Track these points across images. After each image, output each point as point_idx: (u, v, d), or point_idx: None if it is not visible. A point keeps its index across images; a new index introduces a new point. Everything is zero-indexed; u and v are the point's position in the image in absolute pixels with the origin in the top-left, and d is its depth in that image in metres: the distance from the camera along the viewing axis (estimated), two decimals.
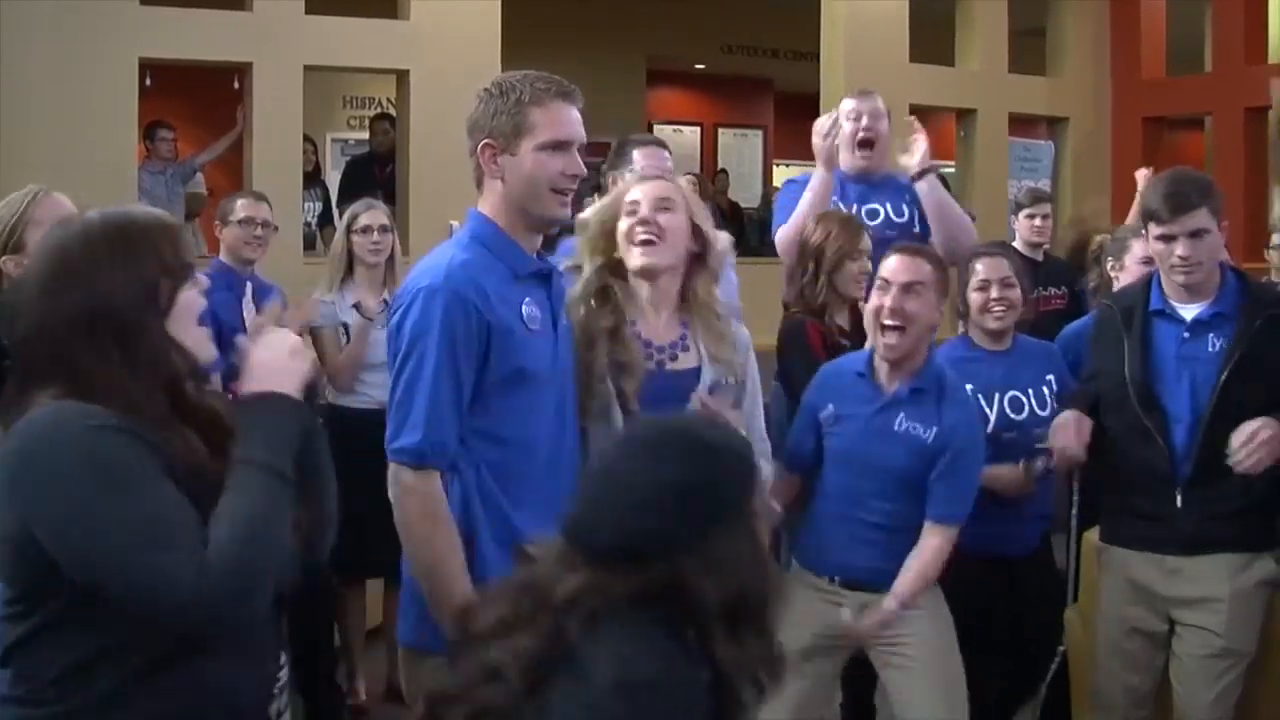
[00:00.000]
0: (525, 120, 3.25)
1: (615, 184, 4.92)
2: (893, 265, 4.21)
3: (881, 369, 4.21)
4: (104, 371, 2.33)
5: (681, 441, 2.20)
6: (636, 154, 4.99)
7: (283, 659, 2.63)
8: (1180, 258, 4.07)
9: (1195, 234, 4.05)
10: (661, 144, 5.16)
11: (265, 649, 2.53)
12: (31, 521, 2.23)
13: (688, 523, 2.12)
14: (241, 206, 6.11)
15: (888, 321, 4.12)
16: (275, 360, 2.50)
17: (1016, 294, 4.69)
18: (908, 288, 4.12)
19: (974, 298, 4.74)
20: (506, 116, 3.27)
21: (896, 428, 4.11)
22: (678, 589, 2.10)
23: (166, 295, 2.42)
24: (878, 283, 4.23)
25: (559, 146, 3.26)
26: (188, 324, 2.46)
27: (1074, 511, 5.35)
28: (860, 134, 5.53)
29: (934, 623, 4.16)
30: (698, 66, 17.95)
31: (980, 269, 4.75)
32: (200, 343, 2.49)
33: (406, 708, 6.09)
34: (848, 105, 5.65)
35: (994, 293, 4.69)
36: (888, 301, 4.13)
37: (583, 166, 3.29)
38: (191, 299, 2.48)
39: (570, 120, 3.36)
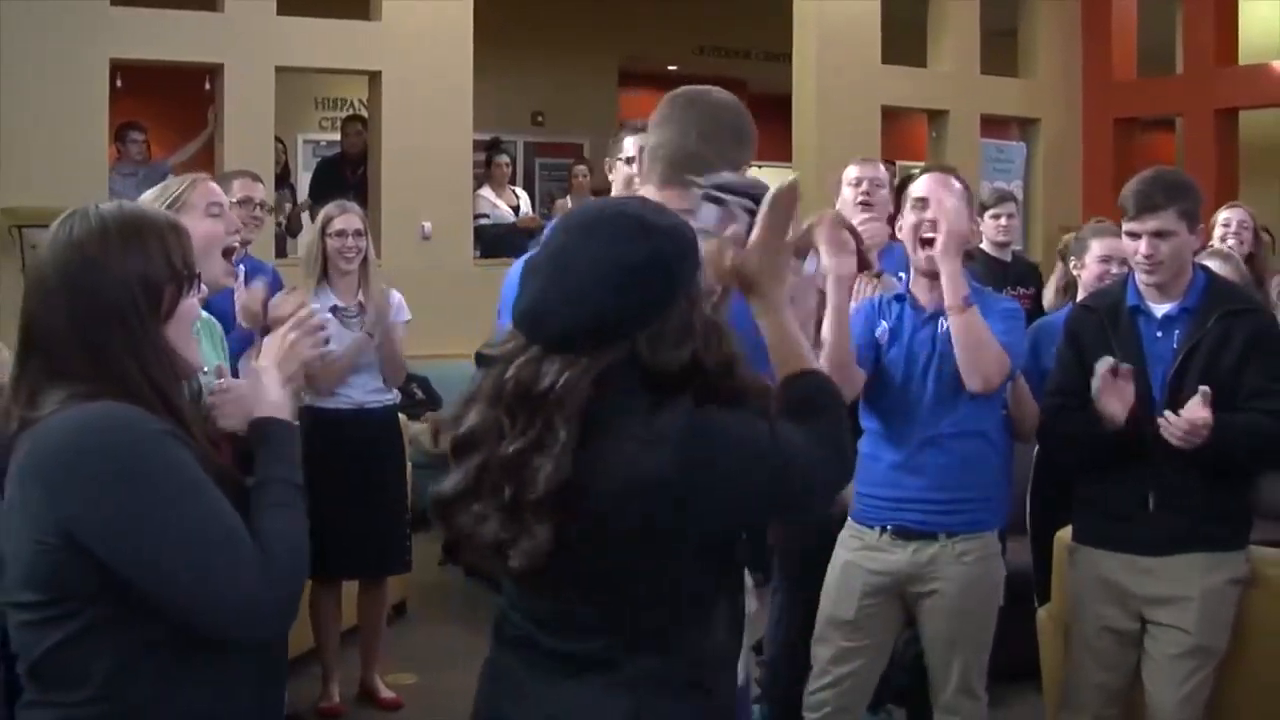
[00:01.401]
0: None
1: (611, 170, 5.04)
2: (925, 184, 4.39)
3: (920, 286, 4.35)
4: (134, 369, 2.33)
5: (623, 221, 2.28)
6: (628, 140, 4.93)
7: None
8: (1143, 256, 4.11)
9: (1158, 234, 4.08)
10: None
11: (282, 648, 2.59)
12: (80, 526, 2.20)
13: (642, 298, 2.22)
14: (240, 186, 5.97)
15: (927, 235, 4.28)
16: (273, 391, 2.59)
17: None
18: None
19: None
20: None
21: (939, 332, 4.26)
22: (640, 363, 2.22)
23: (170, 299, 2.40)
24: (911, 202, 4.40)
25: None
26: (185, 332, 2.46)
27: (1028, 512, 5.39)
28: (859, 199, 5.52)
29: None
30: (670, 68, 17.92)
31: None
32: (193, 351, 2.50)
33: (381, 710, 6.12)
34: (850, 173, 5.65)
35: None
36: (926, 215, 4.31)
37: None
38: (192, 307, 2.48)
39: None
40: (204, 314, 3.96)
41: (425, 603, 7.70)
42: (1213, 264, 5.12)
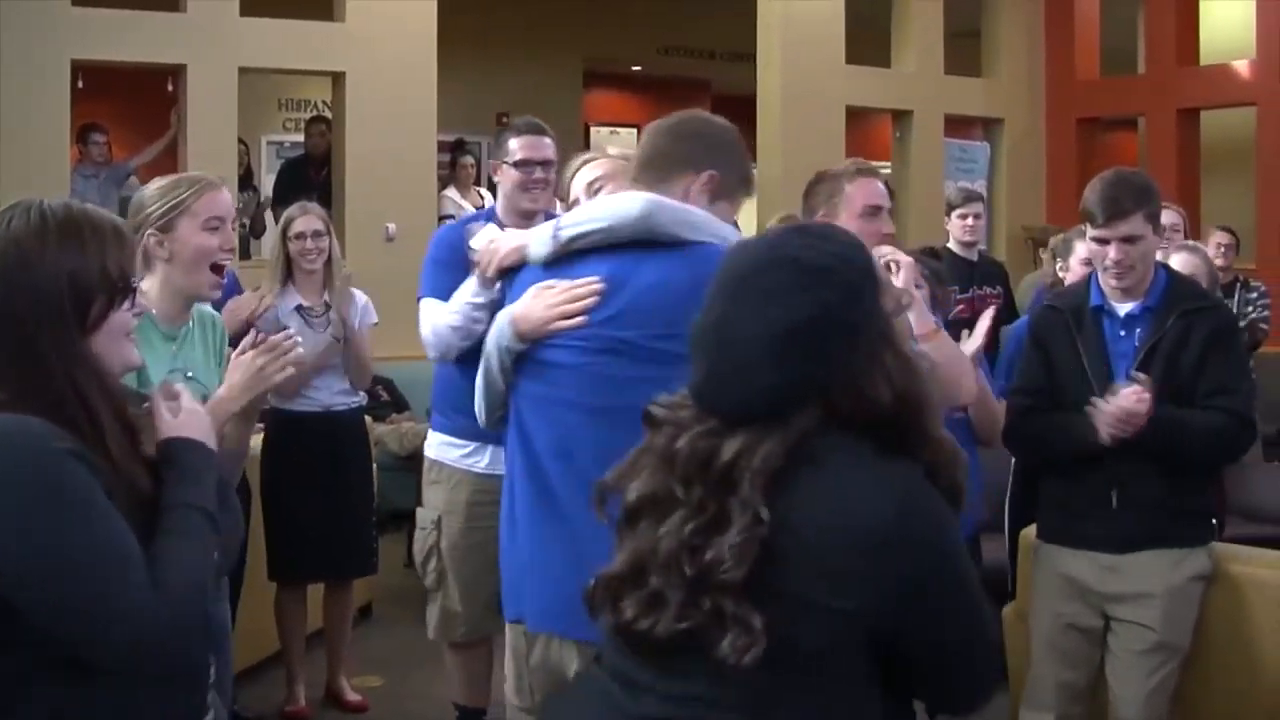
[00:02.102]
0: None
1: (498, 172, 4.90)
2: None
3: None
4: (59, 373, 2.23)
5: (778, 274, 2.04)
6: (513, 142, 4.83)
7: (211, 673, 2.57)
8: (1113, 261, 4.11)
9: (1128, 239, 4.09)
10: (540, 129, 4.96)
11: (195, 677, 2.44)
12: None
13: (815, 361, 2.01)
14: None
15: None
16: (192, 412, 2.45)
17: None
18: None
19: None
20: None
21: None
22: (837, 418, 2.02)
23: (100, 309, 2.30)
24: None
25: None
26: (114, 346, 2.35)
27: (1007, 510, 5.41)
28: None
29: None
30: (635, 68, 17.95)
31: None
32: (125, 361, 2.40)
33: (346, 713, 6.10)
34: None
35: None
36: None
37: None
38: (124, 320, 2.37)
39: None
40: (208, 309, 3.92)
41: (391, 605, 7.68)
42: (1179, 257, 5.17)
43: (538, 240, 3.28)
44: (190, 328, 3.71)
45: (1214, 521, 4.41)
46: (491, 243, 3.64)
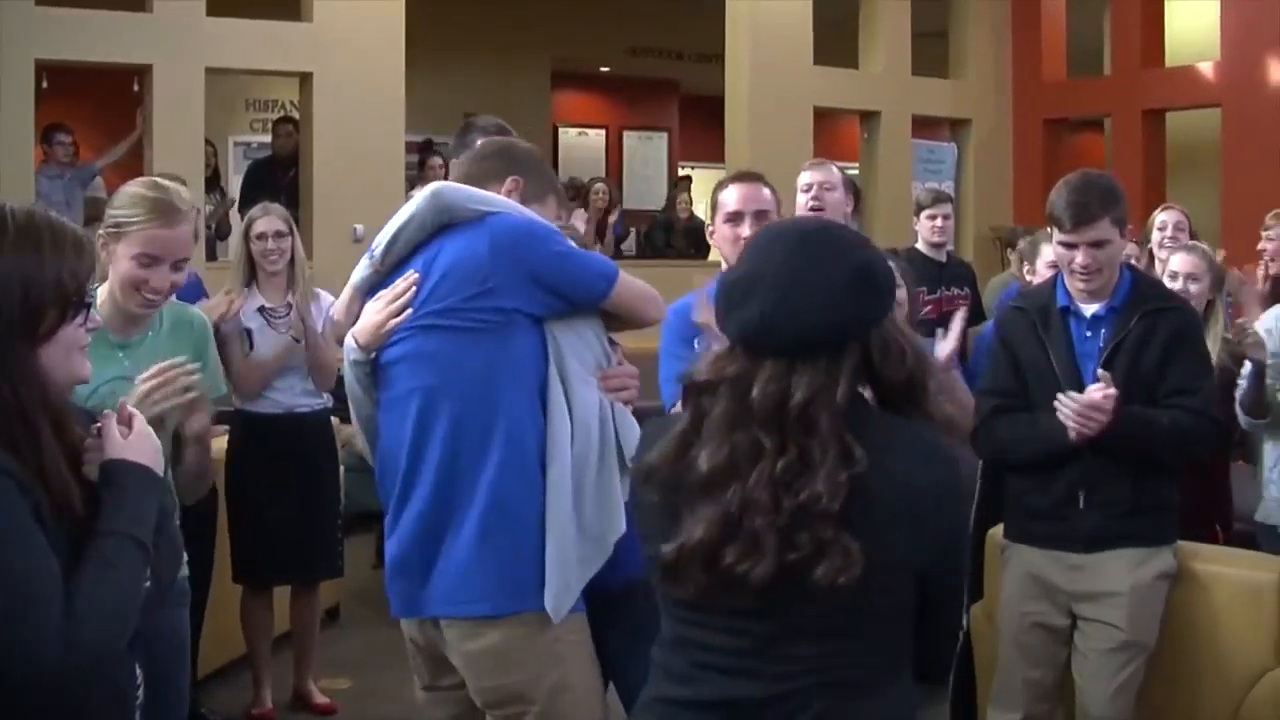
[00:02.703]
0: None
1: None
2: (736, 195, 4.18)
3: None
4: (3, 384, 2.18)
5: (838, 234, 2.31)
6: (481, 143, 4.86)
7: (139, 695, 2.53)
8: (1080, 265, 4.12)
9: (1096, 244, 4.10)
10: (505, 129, 4.99)
11: (119, 701, 2.43)
12: None
13: (872, 300, 2.22)
14: None
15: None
16: (143, 436, 2.40)
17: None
18: (758, 215, 4.10)
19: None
20: None
21: None
22: (871, 367, 2.21)
23: (51, 321, 2.25)
24: (726, 216, 4.17)
25: None
26: (62, 361, 2.30)
27: (974, 510, 5.41)
28: (810, 204, 5.32)
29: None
30: (603, 69, 17.95)
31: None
32: (74, 375, 2.36)
33: (314, 715, 6.08)
34: (801, 179, 5.48)
35: None
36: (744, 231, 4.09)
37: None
38: (76, 336, 2.32)
39: None
40: (188, 308, 3.81)
41: (359, 607, 7.65)
42: (1180, 258, 5.25)
43: (358, 269, 3.49)
44: (151, 335, 3.56)
45: (1217, 525, 4.43)
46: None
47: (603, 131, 18.36)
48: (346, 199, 10.42)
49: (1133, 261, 6.25)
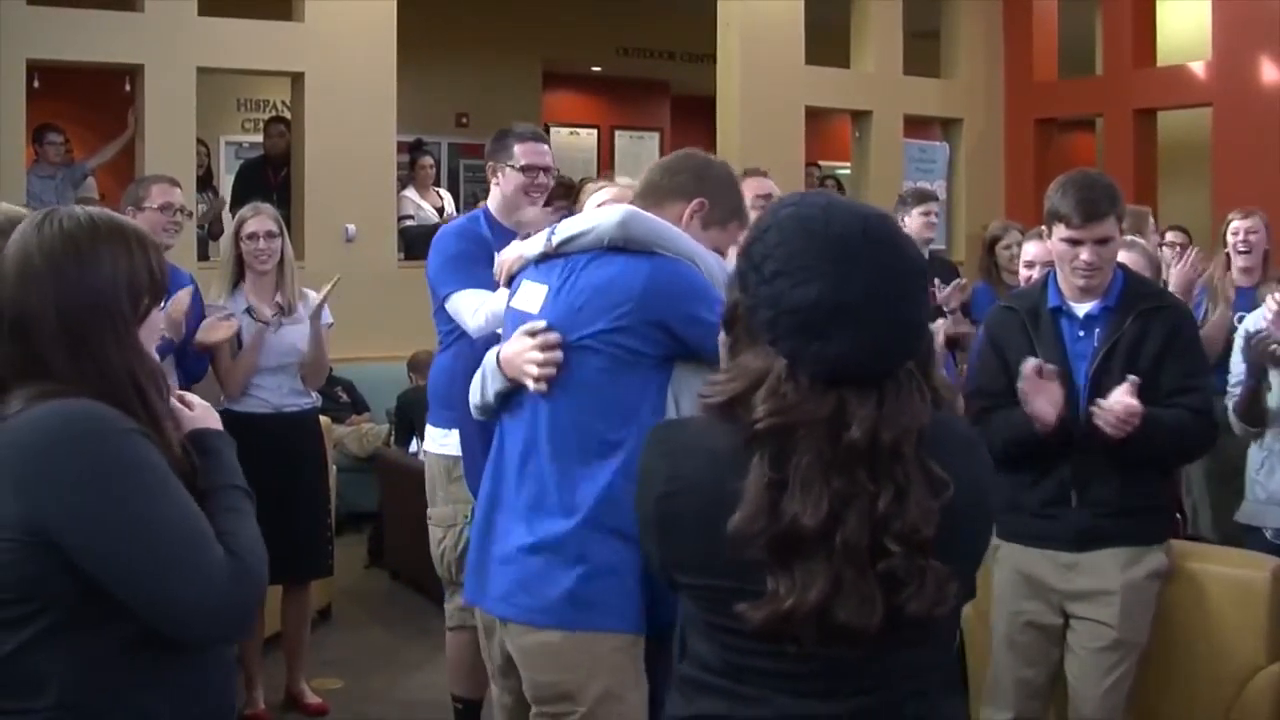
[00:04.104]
0: None
1: (495, 174, 5.11)
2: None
3: None
4: (119, 365, 2.35)
5: (905, 249, 2.12)
6: (517, 148, 5.06)
7: None
8: (1085, 263, 4.13)
9: (1101, 241, 4.11)
10: (541, 137, 5.21)
11: (232, 651, 2.63)
12: (51, 523, 2.20)
13: (925, 325, 2.16)
14: (159, 192, 5.87)
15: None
16: (207, 409, 2.64)
17: None
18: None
19: None
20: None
21: None
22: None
23: (146, 307, 2.43)
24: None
25: None
26: (151, 341, 2.47)
27: None
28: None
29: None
30: (594, 69, 17.93)
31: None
32: (153, 350, 2.51)
33: (306, 715, 6.08)
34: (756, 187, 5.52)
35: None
36: None
37: None
38: (158, 319, 2.51)
39: None
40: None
41: (351, 607, 7.66)
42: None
43: (534, 241, 3.52)
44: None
45: (1177, 517, 4.44)
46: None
47: (594, 131, 18.35)
48: (337, 199, 10.41)
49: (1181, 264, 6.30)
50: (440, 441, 5.01)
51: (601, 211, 3.44)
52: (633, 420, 3.25)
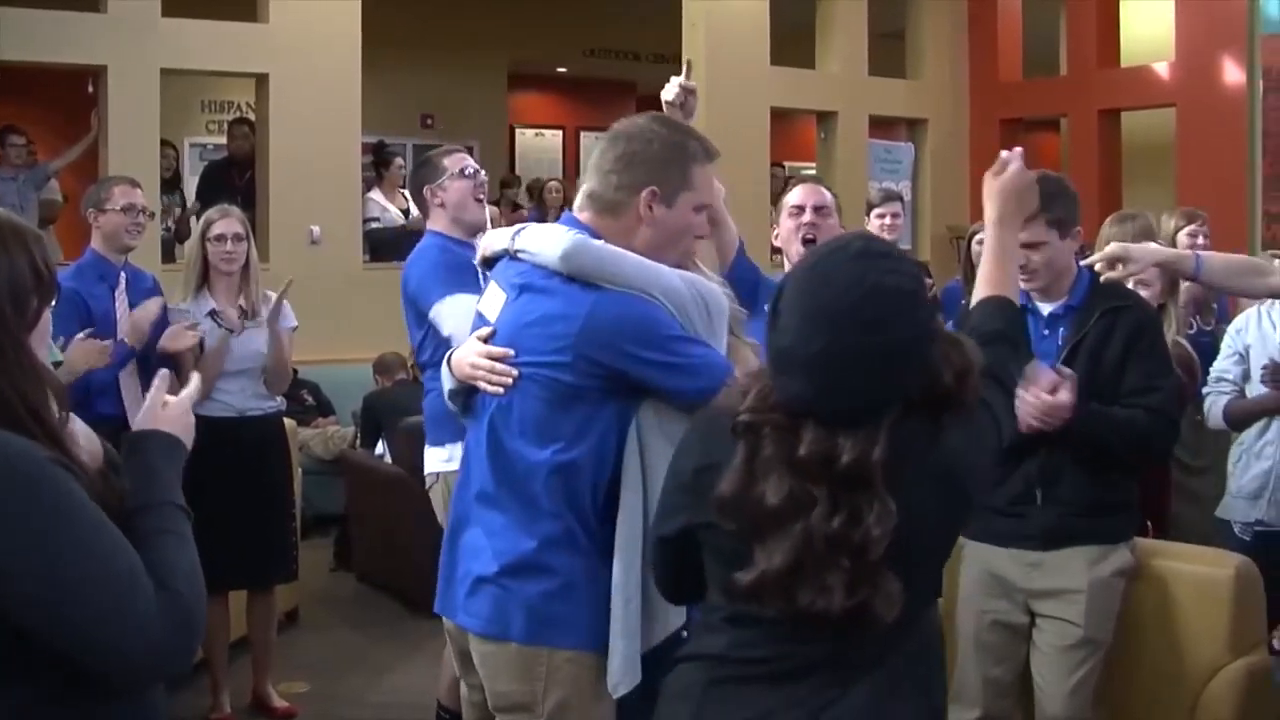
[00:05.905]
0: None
1: (435, 195, 5.13)
2: (800, 194, 4.92)
3: None
4: (6, 387, 2.11)
5: (880, 305, 2.27)
6: (445, 161, 5.16)
7: None
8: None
9: (1029, 245, 4.10)
10: (458, 147, 5.26)
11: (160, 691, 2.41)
12: None
13: (910, 371, 2.30)
14: (120, 194, 5.83)
15: (808, 236, 4.74)
16: (183, 411, 2.45)
17: None
18: (818, 209, 4.83)
19: None
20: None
21: None
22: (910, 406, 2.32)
23: (35, 310, 2.22)
24: (790, 210, 4.87)
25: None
26: (41, 344, 2.27)
27: None
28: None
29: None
30: (560, 70, 17.93)
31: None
32: (43, 353, 2.30)
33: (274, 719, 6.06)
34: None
35: None
36: (804, 219, 4.81)
37: None
38: (48, 318, 2.29)
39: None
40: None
41: (318, 610, 7.64)
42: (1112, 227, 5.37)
43: (501, 234, 3.47)
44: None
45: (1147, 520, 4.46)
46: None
47: (559, 132, 18.34)
48: (302, 200, 10.38)
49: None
50: (442, 460, 4.97)
51: (551, 237, 3.28)
52: (583, 441, 3.19)
